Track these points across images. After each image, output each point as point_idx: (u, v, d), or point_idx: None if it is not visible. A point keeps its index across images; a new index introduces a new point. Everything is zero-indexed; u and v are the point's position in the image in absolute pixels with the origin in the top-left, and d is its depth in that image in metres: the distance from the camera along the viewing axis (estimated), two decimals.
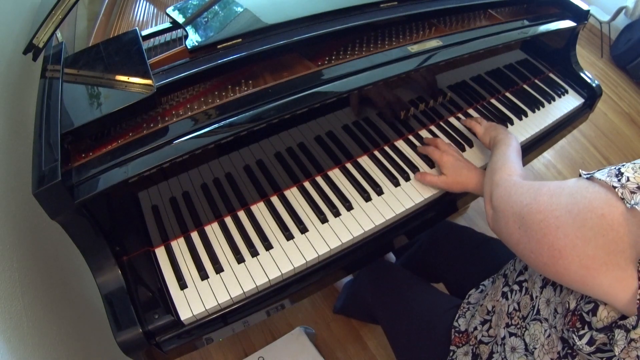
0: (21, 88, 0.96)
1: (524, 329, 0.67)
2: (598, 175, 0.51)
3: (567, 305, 0.57)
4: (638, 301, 0.46)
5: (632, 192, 0.46)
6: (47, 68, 0.81)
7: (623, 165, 0.50)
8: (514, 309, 0.70)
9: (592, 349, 0.52)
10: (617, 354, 0.49)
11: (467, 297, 0.85)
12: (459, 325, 0.80)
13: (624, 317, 0.48)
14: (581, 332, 0.54)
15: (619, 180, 0.48)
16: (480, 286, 0.85)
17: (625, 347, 0.48)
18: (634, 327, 0.47)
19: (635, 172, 0.48)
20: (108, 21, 0.96)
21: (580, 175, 0.56)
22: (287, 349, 1.15)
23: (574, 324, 0.55)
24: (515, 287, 0.71)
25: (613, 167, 0.51)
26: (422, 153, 0.93)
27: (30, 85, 0.98)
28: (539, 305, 0.64)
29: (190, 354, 0.76)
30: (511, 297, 0.71)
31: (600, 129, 2.22)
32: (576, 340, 0.54)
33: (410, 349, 0.89)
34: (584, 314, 0.54)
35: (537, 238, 0.54)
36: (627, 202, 0.46)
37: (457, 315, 0.82)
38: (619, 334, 0.49)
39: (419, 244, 1.14)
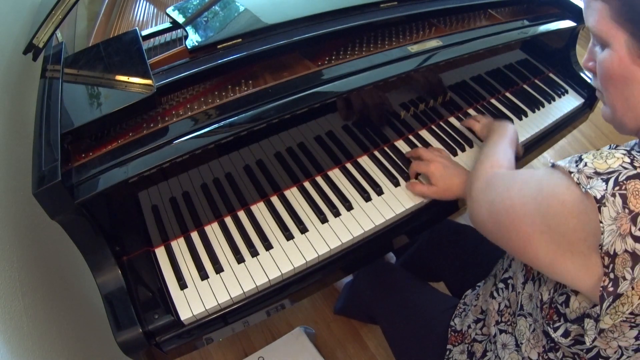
0: (21, 88, 0.97)
1: (514, 325, 0.68)
2: (560, 162, 0.52)
3: (540, 297, 0.58)
4: (601, 288, 0.46)
5: (589, 177, 0.46)
6: (47, 68, 0.81)
7: (589, 152, 0.50)
8: (505, 305, 0.71)
9: (569, 341, 0.53)
10: (588, 344, 0.50)
11: (463, 297, 0.85)
12: (455, 324, 0.81)
13: (595, 306, 0.48)
14: (557, 325, 0.54)
15: (577, 166, 0.48)
16: (476, 287, 0.85)
17: (595, 337, 0.49)
18: (598, 316, 0.47)
19: (595, 157, 0.48)
20: (108, 21, 0.96)
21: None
22: (287, 349, 1.15)
23: (551, 317, 0.56)
24: (501, 285, 0.73)
25: (578, 155, 0.52)
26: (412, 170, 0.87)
27: (30, 85, 0.98)
28: (521, 301, 0.66)
29: (190, 354, 0.76)
30: (500, 295, 0.72)
31: (600, 129, 2.22)
32: (552, 333, 0.55)
33: (408, 349, 0.89)
34: (559, 306, 0.54)
35: (506, 225, 0.55)
36: (583, 187, 0.46)
37: (454, 314, 0.82)
38: (588, 324, 0.49)
39: (419, 244, 1.14)
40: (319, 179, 0.88)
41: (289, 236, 0.78)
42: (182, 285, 0.72)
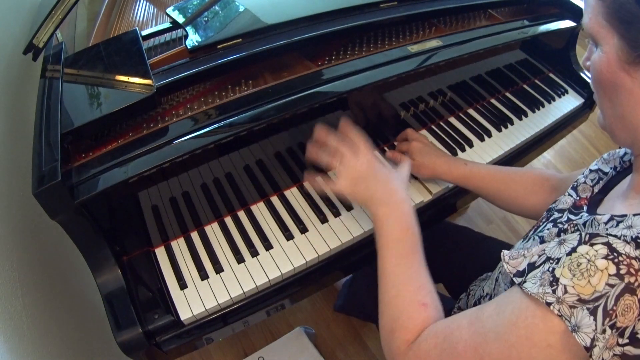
0: (21, 88, 0.96)
1: None
2: (530, 286, 0.43)
3: None
4: None
5: (572, 307, 0.39)
6: (47, 68, 0.81)
7: (557, 264, 0.42)
8: None
9: None
10: None
11: (458, 301, 0.85)
12: None
13: None
14: None
15: (554, 292, 0.40)
16: (470, 289, 0.85)
17: None
18: None
19: (574, 276, 0.40)
20: (108, 21, 0.96)
21: (511, 282, 0.48)
22: (287, 349, 1.15)
23: None
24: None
25: (547, 268, 0.43)
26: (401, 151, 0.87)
27: (30, 85, 0.98)
28: None
29: (190, 353, 0.76)
30: None
31: (600, 129, 2.22)
32: None
33: None
34: None
35: None
36: (566, 320, 0.39)
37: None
38: None
39: None
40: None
41: (289, 236, 0.78)
42: (182, 285, 0.72)
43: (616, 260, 0.39)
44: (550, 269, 0.42)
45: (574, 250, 0.42)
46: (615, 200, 0.53)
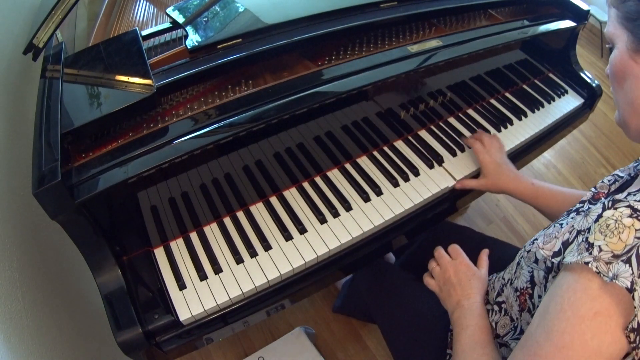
0: (21, 88, 0.96)
1: (504, 346, 0.68)
2: (569, 257, 0.48)
3: None
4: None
5: (608, 263, 0.44)
6: (47, 68, 0.81)
7: (589, 232, 0.47)
8: (501, 326, 0.70)
9: None
10: None
11: None
12: None
13: None
14: None
15: (591, 254, 0.45)
16: None
17: None
18: None
19: (606, 236, 0.45)
20: (108, 21, 0.96)
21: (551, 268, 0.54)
22: (287, 349, 1.15)
23: None
24: (496, 307, 0.72)
25: (580, 240, 0.48)
26: (466, 143, 0.95)
27: (30, 85, 0.98)
28: (521, 327, 0.65)
29: (190, 353, 0.76)
30: (491, 317, 0.71)
31: (600, 129, 2.22)
32: None
33: (407, 350, 0.89)
34: None
35: None
36: (604, 276, 0.44)
37: None
38: None
39: (418, 244, 1.13)
40: (318, 180, 0.88)
41: (287, 237, 0.78)
42: (181, 285, 0.72)
43: (638, 215, 0.44)
44: (584, 239, 0.47)
45: (600, 216, 0.47)
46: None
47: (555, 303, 0.48)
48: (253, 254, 0.76)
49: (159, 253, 0.76)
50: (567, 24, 1.08)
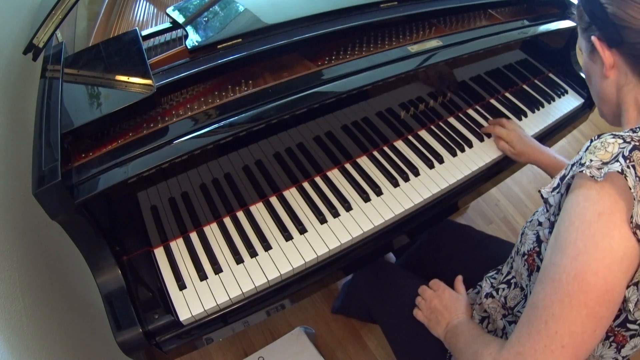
0: (21, 88, 0.96)
1: (514, 324, 0.69)
2: (566, 179, 0.54)
3: None
4: None
5: (599, 169, 0.50)
6: (47, 68, 0.81)
7: (580, 160, 0.53)
8: (512, 298, 0.72)
9: None
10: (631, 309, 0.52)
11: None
12: None
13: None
14: None
15: (583, 165, 0.51)
16: (477, 286, 0.85)
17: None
18: None
19: (594, 153, 0.52)
20: (108, 21, 0.96)
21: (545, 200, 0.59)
22: (287, 349, 1.15)
23: None
24: (504, 285, 0.74)
25: (575, 165, 0.54)
26: (486, 132, 1.00)
27: (30, 85, 0.98)
28: (531, 292, 0.65)
29: (190, 354, 0.76)
30: (499, 294, 0.74)
31: (600, 129, 2.22)
32: None
33: (408, 349, 0.89)
34: None
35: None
36: (598, 177, 0.49)
37: None
38: (632, 293, 0.51)
39: (419, 243, 1.13)
40: (318, 180, 0.88)
41: (287, 237, 0.78)
42: (181, 285, 0.72)
43: (621, 137, 0.51)
44: (577, 164, 0.53)
45: (588, 147, 0.54)
46: None
47: (563, 223, 0.52)
48: (253, 254, 0.76)
49: (159, 253, 0.76)
50: (567, 24, 1.08)
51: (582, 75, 1.18)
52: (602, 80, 0.61)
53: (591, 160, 0.51)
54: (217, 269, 0.74)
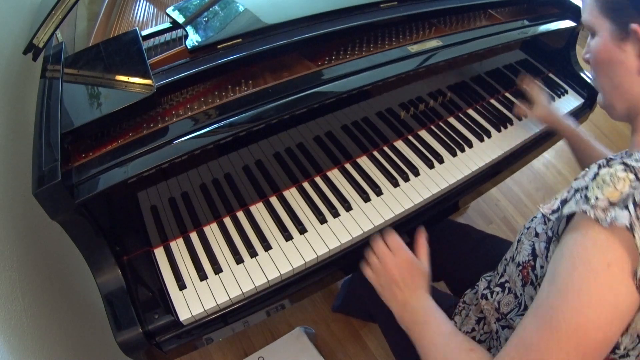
0: (21, 88, 0.96)
1: (507, 328, 0.69)
2: (566, 210, 0.49)
3: None
4: None
5: (605, 210, 0.45)
6: (47, 68, 0.81)
7: (587, 190, 0.48)
8: (505, 304, 0.71)
9: None
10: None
11: (463, 296, 0.85)
12: (456, 323, 0.81)
13: None
14: None
15: (588, 202, 0.46)
16: (475, 286, 0.85)
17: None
18: None
19: (601, 188, 0.47)
20: (108, 21, 0.96)
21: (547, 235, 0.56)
22: (287, 349, 1.15)
23: None
24: (497, 289, 0.72)
25: (578, 197, 0.49)
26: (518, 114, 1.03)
27: (30, 85, 0.98)
28: (525, 302, 0.65)
29: (190, 354, 0.76)
30: (493, 298, 0.73)
31: (600, 129, 2.22)
32: None
33: (407, 349, 0.89)
34: None
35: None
36: (603, 221, 0.45)
37: (453, 313, 0.82)
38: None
39: None
40: (318, 180, 0.88)
41: (287, 237, 0.78)
42: (181, 285, 0.72)
43: (633, 171, 0.46)
44: (582, 195, 0.48)
45: (596, 174, 0.49)
46: None
47: (565, 262, 0.48)
48: (253, 254, 0.76)
49: (159, 253, 0.76)
50: (567, 23, 1.08)
51: (582, 75, 1.18)
52: (628, 75, 0.55)
53: (597, 198, 0.46)
54: (217, 269, 0.74)
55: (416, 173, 0.90)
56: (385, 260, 0.71)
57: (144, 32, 0.85)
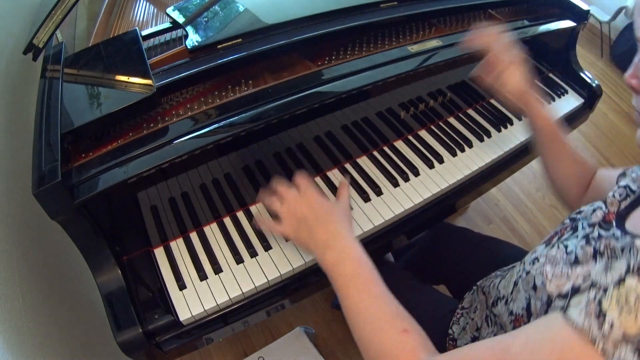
0: (21, 88, 0.97)
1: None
2: (574, 316, 0.40)
3: None
4: None
5: (616, 344, 0.37)
6: (47, 68, 0.81)
7: (604, 294, 0.39)
8: (487, 304, 0.69)
9: None
10: None
11: (461, 300, 0.85)
12: (454, 332, 0.80)
13: None
14: None
15: (600, 328, 0.38)
16: (473, 288, 0.85)
17: None
18: None
19: (621, 310, 0.37)
20: (108, 21, 0.96)
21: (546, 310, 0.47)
22: (287, 349, 1.15)
23: None
24: (491, 317, 0.69)
25: (593, 296, 0.40)
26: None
27: (30, 85, 0.98)
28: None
29: (190, 353, 0.76)
30: (489, 327, 0.69)
31: (600, 129, 2.22)
32: None
33: None
34: None
35: None
36: (608, 357, 0.37)
37: (452, 322, 0.82)
38: None
39: (419, 246, 1.13)
40: (318, 180, 0.88)
41: None
42: (181, 285, 0.72)
43: None
44: (597, 300, 0.40)
45: (622, 280, 0.39)
46: None
47: (550, 350, 0.41)
48: (253, 254, 0.76)
49: (159, 253, 0.76)
50: (567, 24, 1.08)
51: (582, 75, 1.18)
52: None
53: (611, 325, 0.37)
54: (217, 269, 0.74)
55: (416, 173, 0.90)
56: (293, 201, 0.62)
57: (144, 32, 0.85)
